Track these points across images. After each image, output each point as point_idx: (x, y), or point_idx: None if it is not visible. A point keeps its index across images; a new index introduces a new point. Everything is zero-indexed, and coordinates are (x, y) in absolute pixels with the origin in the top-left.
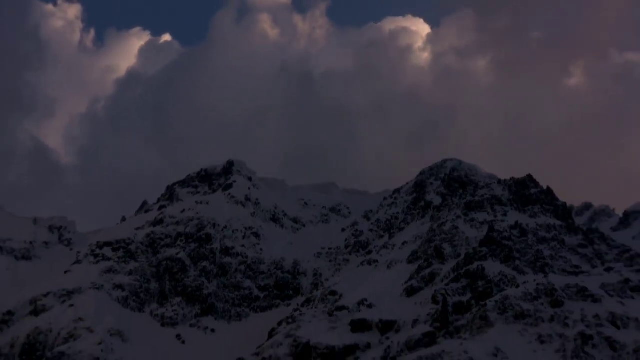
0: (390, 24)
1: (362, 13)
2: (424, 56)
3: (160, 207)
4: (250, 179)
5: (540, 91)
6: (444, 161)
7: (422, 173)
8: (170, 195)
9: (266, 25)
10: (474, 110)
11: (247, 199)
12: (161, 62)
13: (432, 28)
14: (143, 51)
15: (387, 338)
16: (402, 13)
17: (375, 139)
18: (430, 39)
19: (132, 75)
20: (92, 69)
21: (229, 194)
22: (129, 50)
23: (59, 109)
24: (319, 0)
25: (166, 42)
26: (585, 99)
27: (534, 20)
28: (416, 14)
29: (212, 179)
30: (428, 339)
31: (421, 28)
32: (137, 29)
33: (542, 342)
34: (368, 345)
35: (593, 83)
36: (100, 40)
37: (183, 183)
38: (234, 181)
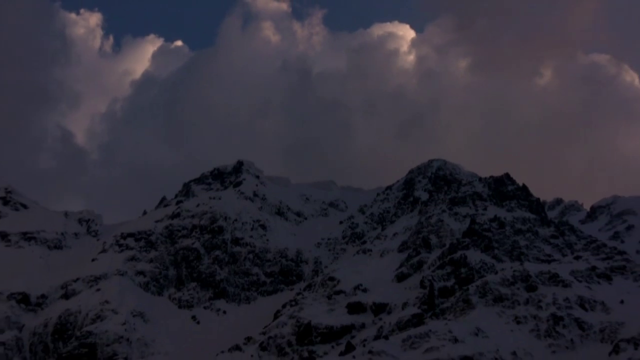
0: (379, 29)
1: (353, 20)
2: (409, 59)
3: (178, 202)
4: (257, 177)
5: (514, 90)
6: (431, 161)
7: (411, 172)
8: (186, 191)
9: (269, 31)
10: (454, 107)
11: (255, 194)
12: (173, 65)
13: (416, 33)
14: (156, 55)
15: (380, 319)
16: (389, 19)
17: (366, 131)
18: (414, 43)
19: (146, 78)
20: (111, 72)
21: (239, 190)
22: (144, 55)
23: (81, 109)
24: (316, 9)
25: (177, 47)
26: (554, 97)
27: (508, 25)
28: (402, 20)
29: (223, 177)
30: (416, 320)
31: (407, 33)
32: (151, 36)
33: (518, 323)
34: (363, 325)
35: (562, 82)
36: (118, 46)
37: (198, 180)
38: (244, 179)
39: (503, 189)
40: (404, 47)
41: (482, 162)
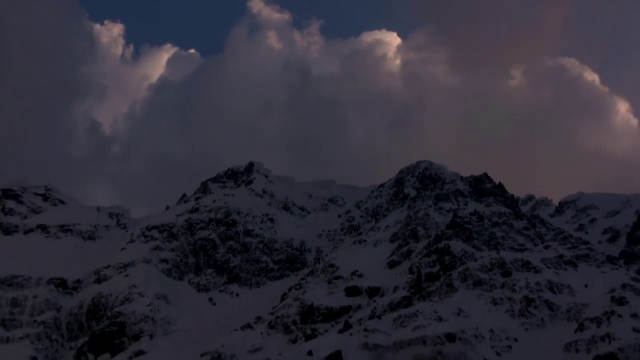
0: (368, 37)
1: (346, 29)
2: (396, 63)
3: (196, 199)
4: (266, 176)
5: (488, 90)
6: (418, 162)
7: (401, 171)
8: (204, 189)
9: (272, 40)
10: (435, 106)
11: (264, 192)
12: (186, 70)
13: (401, 40)
14: (171, 62)
15: (374, 301)
16: (377, 28)
17: (358, 127)
18: (400, 49)
19: (162, 82)
20: (131, 76)
21: (250, 188)
22: (160, 61)
23: (105, 108)
24: (314, 20)
25: (190, 54)
26: (523, 96)
27: (484, 32)
28: (389, 28)
29: (236, 177)
30: (406, 302)
31: (393, 40)
32: (167, 45)
33: (495, 304)
34: (359, 307)
35: (530, 83)
36: (137, 54)
37: (214, 179)
38: (254, 178)
39: (482, 186)
40: (391, 53)
41: (460, 155)
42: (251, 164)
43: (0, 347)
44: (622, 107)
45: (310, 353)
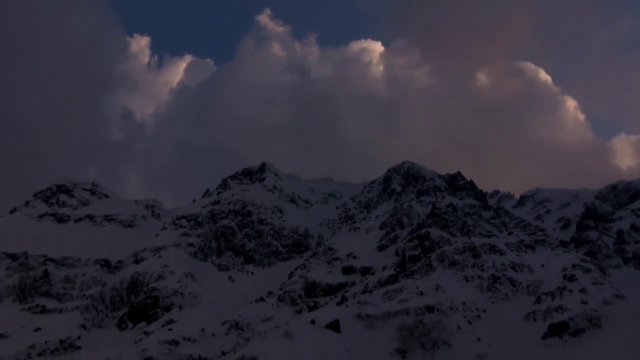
0: (356, 46)
1: (337, 39)
2: (379, 68)
3: (218, 193)
4: (276, 174)
5: (458, 91)
6: (403, 162)
7: (388, 170)
8: (224, 185)
9: (276, 49)
10: (412, 103)
11: (274, 187)
12: (202, 76)
13: (384, 48)
14: (188, 69)
15: (366, 278)
16: (364, 37)
17: (348, 120)
18: (383, 56)
19: (181, 87)
20: (155, 82)
21: (263, 184)
22: (179, 69)
23: (134, 107)
24: (311, 32)
25: (205, 62)
26: (488, 95)
27: (455, 40)
28: (374, 38)
29: (251, 175)
30: (392, 279)
31: (377, 48)
32: (185, 55)
33: (467, 281)
34: (353, 283)
35: (493, 83)
36: (160, 63)
37: (233, 177)
38: (266, 176)
39: (456, 183)
40: (375, 59)
41: (433, 145)
42: (263, 164)
43: (55, 316)
44: (571, 105)
45: (313, 322)
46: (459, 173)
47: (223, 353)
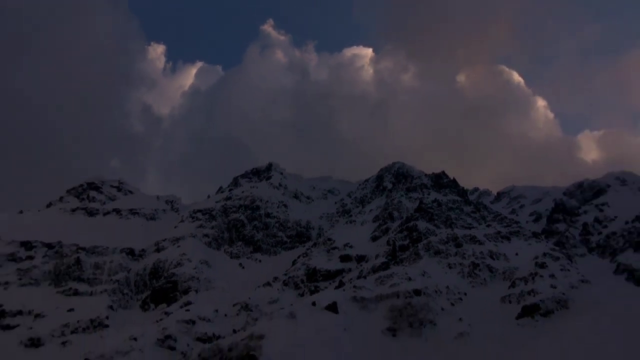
0: (349, 52)
1: (332, 46)
2: (370, 72)
3: (230, 190)
4: (281, 173)
5: (441, 92)
6: (394, 163)
7: (381, 170)
8: (235, 183)
9: (279, 55)
10: (399, 104)
11: (280, 185)
12: (211, 80)
13: (374, 53)
14: (199, 74)
15: (361, 265)
16: (356, 44)
17: (343, 118)
18: (372, 61)
19: (192, 90)
20: (170, 86)
21: (270, 182)
22: (191, 73)
23: (153, 106)
24: (309, 41)
25: (214, 67)
26: (467, 96)
27: (439, 46)
28: (365, 45)
29: (259, 174)
30: (384, 266)
31: (368, 53)
32: (196, 61)
33: (450, 268)
34: (349, 269)
35: (472, 85)
36: (174, 68)
37: (243, 176)
38: (272, 175)
39: (440, 181)
40: (366, 64)
41: (418, 140)
42: (270, 164)
43: (86, 299)
44: (542, 104)
45: (314, 304)
46: (443, 172)
47: (234, 331)
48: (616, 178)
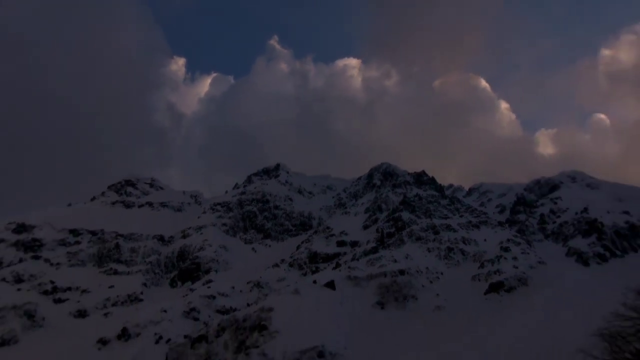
0: (341, 63)
1: (327, 57)
2: (359, 79)
3: (244, 186)
4: (287, 172)
5: (420, 96)
6: (382, 164)
7: (371, 169)
8: (249, 180)
9: (282, 66)
10: (384, 107)
11: (286, 182)
12: (224, 88)
13: (363, 63)
14: (213, 83)
15: (354, 249)
16: (347, 56)
17: (337, 117)
18: (361, 70)
19: (208, 96)
20: (189, 94)
21: (277, 180)
22: (206, 82)
23: (174, 109)
24: (308, 54)
25: (226, 77)
26: (442, 100)
27: (416, 57)
28: (355, 56)
29: (269, 173)
30: (374, 250)
31: (357, 64)
32: (212, 73)
33: (429, 251)
34: (345, 253)
35: (446, 90)
36: (192, 78)
37: (255, 174)
38: (280, 173)
39: (421, 179)
40: (356, 72)
41: (401, 138)
42: (278, 165)
43: (124, 277)
44: (505, 107)
45: (315, 282)
46: (423, 171)
47: (248, 305)
48: (568, 176)
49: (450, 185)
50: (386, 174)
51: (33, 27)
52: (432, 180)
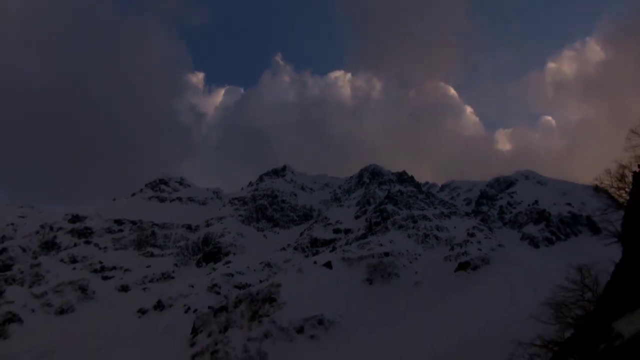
0: (333, 75)
1: (322, 71)
2: (348, 89)
3: (257, 184)
4: (293, 172)
5: (399, 102)
6: (370, 165)
7: (361, 170)
8: (260, 179)
9: (285, 78)
10: (370, 113)
11: (292, 180)
12: (235, 97)
13: (351, 76)
14: (226, 93)
15: (347, 235)
16: (337, 69)
17: (330, 120)
18: (350, 81)
19: (222, 105)
20: (206, 103)
21: (284, 178)
22: (220, 94)
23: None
24: (307, 68)
25: (237, 88)
26: (417, 105)
27: (396, 70)
28: (345, 70)
29: (277, 173)
30: (363, 236)
31: (346, 75)
32: (225, 85)
33: (409, 237)
34: (340, 239)
35: (420, 97)
36: (209, 90)
37: (266, 174)
38: (286, 173)
39: (402, 177)
40: (346, 83)
41: (384, 138)
42: (285, 166)
43: (159, 259)
44: (469, 110)
45: (315, 262)
46: (404, 171)
47: (260, 281)
48: (522, 174)
49: (426, 183)
50: (374, 174)
51: (83, 44)
52: (411, 179)
